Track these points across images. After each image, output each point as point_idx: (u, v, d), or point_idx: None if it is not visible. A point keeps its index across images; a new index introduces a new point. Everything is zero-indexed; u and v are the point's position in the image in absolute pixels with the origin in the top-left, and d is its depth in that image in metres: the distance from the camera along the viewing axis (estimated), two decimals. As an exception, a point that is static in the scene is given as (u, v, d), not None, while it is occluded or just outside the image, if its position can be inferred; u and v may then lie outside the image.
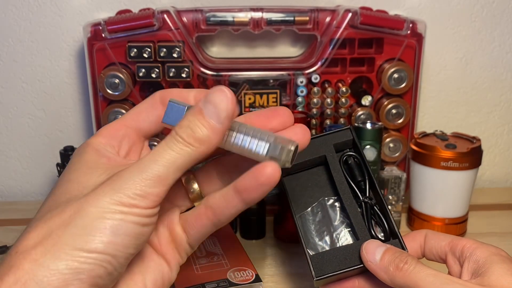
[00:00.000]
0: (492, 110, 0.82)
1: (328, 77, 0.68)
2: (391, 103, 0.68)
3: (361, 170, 0.47)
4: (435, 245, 0.41)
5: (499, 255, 0.37)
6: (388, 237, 0.44)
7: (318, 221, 0.47)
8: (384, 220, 0.45)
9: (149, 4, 0.72)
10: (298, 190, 0.48)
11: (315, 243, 0.46)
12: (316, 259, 0.43)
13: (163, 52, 0.64)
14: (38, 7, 0.72)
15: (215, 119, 0.32)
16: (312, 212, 0.48)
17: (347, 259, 0.42)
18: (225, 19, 0.66)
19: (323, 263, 0.43)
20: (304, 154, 0.47)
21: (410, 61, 0.67)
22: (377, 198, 0.46)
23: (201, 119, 0.32)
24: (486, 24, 0.77)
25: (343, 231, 0.46)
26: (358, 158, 0.48)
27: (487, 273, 0.35)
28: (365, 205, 0.45)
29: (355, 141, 0.48)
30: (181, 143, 0.32)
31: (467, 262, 0.38)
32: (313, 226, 0.47)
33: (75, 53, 0.75)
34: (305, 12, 0.67)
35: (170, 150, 0.32)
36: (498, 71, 0.80)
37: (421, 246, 0.43)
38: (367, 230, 0.44)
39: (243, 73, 0.67)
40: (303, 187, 0.49)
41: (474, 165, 0.62)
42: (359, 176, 0.47)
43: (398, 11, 0.74)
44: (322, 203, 0.48)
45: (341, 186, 0.46)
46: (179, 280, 0.50)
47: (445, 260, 0.41)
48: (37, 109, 0.77)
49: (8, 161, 0.80)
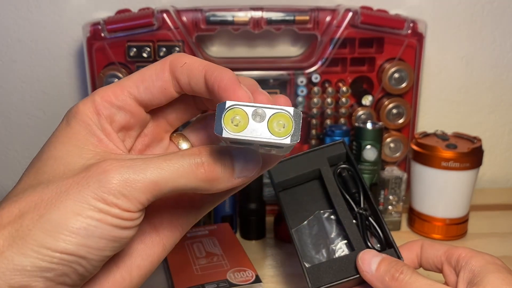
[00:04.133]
0: (493, 110, 0.82)
1: (329, 77, 0.68)
2: (391, 103, 0.68)
3: (355, 182, 0.48)
4: (431, 254, 0.41)
5: (494, 264, 0.37)
6: (384, 247, 0.44)
7: (315, 234, 0.47)
8: (379, 229, 0.45)
9: (149, 3, 0.72)
10: (293, 204, 0.49)
11: (312, 256, 0.46)
12: (312, 270, 0.43)
13: (162, 51, 0.64)
14: (37, 6, 0.72)
15: (237, 171, 0.31)
16: (308, 226, 0.48)
17: (343, 269, 0.42)
18: (225, 19, 0.66)
19: (319, 274, 0.43)
20: (299, 168, 0.47)
21: (410, 60, 0.67)
22: (372, 208, 0.46)
23: (228, 160, 0.31)
24: (487, 24, 0.77)
25: (340, 243, 0.46)
26: (352, 170, 0.48)
27: (482, 283, 0.35)
28: (360, 216, 0.46)
29: (348, 154, 0.48)
30: (197, 166, 0.29)
31: (463, 272, 0.37)
32: (310, 239, 0.47)
33: (75, 52, 0.74)
34: (305, 11, 0.66)
35: (181, 165, 0.29)
36: (499, 71, 0.80)
37: (418, 256, 0.42)
38: (363, 241, 0.44)
39: (243, 73, 0.66)
40: (298, 201, 0.49)
41: (475, 165, 0.62)
42: (353, 188, 0.47)
43: (398, 10, 0.74)
44: (318, 216, 0.48)
45: (335, 198, 0.46)
46: (179, 280, 0.50)
47: (441, 270, 0.41)
48: (37, 109, 0.77)
49: (8, 161, 0.79)
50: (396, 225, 0.67)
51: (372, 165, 0.62)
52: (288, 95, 0.68)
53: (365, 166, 0.62)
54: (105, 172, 0.28)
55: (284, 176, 0.49)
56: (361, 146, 0.62)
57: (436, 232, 0.64)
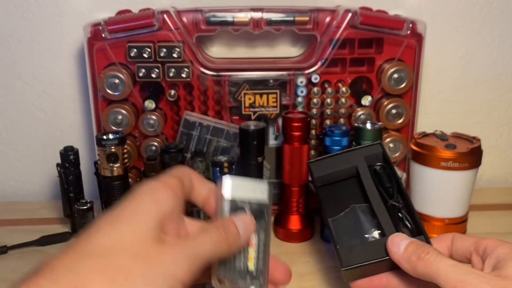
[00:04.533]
0: (492, 110, 0.82)
1: (328, 77, 0.68)
2: (391, 103, 0.68)
3: (389, 179, 0.50)
4: (461, 245, 0.43)
5: None
6: (414, 235, 0.46)
7: (350, 226, 0.49)
8: (411, 219, 0.47)
9: (149, 4, 0.72)
10: (331, 198, 0.52)
11: (345, 243, 0.48)
12: (344, 251, 0.45)
13: (163, 52, 0.64)
14: (38, 7, 0.72)
15: (241, 232, 0.36)
16: (344, 217, 0.50)
17: (374, 252, 0.44)
18: (225, 19, 0.66)
19: (351, 255, 0.45)
20: (337, 165, 0.51)
21: (410, 61, 0.67)
22: (405, 201, 0.48)
23: (232, 226, 0.36)
24: (486, 25, 0.77)
25: (374, 233, 0.48)
26: (386, 168, 0.51)
27: (505, 266, 0.37)
28: (392, 208, 0.48)
29: (385, 154, 0.51)
30: (220, 237, 0.35)
31: (489, 258, 0.39)
32: (345, 229, 0.49)
33: (75, 53, 0.75)
34: (305, 12, 0.67)
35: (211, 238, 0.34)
36: (498, 71, 0.80)
37: (448, 247, 0.44)
38: (394, 229, 0.46)
39: (243, 73, 0.67)
40: (336, 195, 0.52)
41: (474, 165, 0.62)
42: (387, 183, 0.50)
43: (398, 11, 0.74)
44: (354, 209, 0.50)
45: (370, 191, 0.49)
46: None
47: (470, 260, 0.42)
48: (37, 109, 0.77)
49: (8, 161, 0.80)
50: (396, 225, 0.67)
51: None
52: (288, 95, 0.68)
53: (365, 166, 0.63)
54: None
55: (323, 171, 0.52)
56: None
57: (436, 231, 0.64)
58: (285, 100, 0.68)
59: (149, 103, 0.66)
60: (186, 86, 0.67)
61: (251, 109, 0.67)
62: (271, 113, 0.68)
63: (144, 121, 0.67)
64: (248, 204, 0.39)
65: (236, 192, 0.39)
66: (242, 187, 0.39)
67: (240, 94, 0.66)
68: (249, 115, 0.67)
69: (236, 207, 0.38)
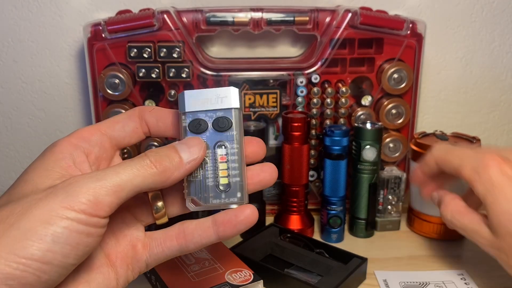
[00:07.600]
0: (492, 110, 0.82)
1: (328, 77, 0.68)
2: (391, 103, 0.68)
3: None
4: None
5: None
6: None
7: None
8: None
9: (149, 4, 0.72)
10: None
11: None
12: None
13: (163, 52, 0.64)
14: (38, 7, 0.72)
15: (185, 157, 0.35)
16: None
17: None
18: (225, 19, 0.66)
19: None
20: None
21: (410, 61, 0.67)
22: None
23: (173, 152, 0.35)
24: (486, 24, 0.77)
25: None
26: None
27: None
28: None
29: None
30: (147, 165, 0.33)
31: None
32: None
33: (75, 53, 0.75)
34: (305, 12, 0.67)
35: (134, 167, 0.33)
36: (498, 71, 0.80)
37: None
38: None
39: (243, 73, 0.67)
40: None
41: (474, 165, 0.62)
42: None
43: (398, 11, 0.74)
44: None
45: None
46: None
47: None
48: (37, 109, 0.77)
49: (8, 161, 0.80)
50: (396, 225, 0.67)
51: (371, 165, 0.63)
52: (288, 95, 0.68)
53: (365, 166, 0.63)
54: (71, 184, 0.31)
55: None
56: (360, 146, 0.62)
57: (436, 231, 0.64)
58: (285, 100, 0.68)
59: (149, 103, 0.66)
60: (186, 86, 0.67)
61: (251, 109, 0.67)
62: (271, 113, 0.68)
63: (144, 121, 0.67)
64: (212, 115, 0.36)
65: (195, 105, 0.36)
66: (203, 100, 0.36)
67: (240, 94, 0.66)
68: (249, 115, 0.67)
69: (198, 122, 0.36)
